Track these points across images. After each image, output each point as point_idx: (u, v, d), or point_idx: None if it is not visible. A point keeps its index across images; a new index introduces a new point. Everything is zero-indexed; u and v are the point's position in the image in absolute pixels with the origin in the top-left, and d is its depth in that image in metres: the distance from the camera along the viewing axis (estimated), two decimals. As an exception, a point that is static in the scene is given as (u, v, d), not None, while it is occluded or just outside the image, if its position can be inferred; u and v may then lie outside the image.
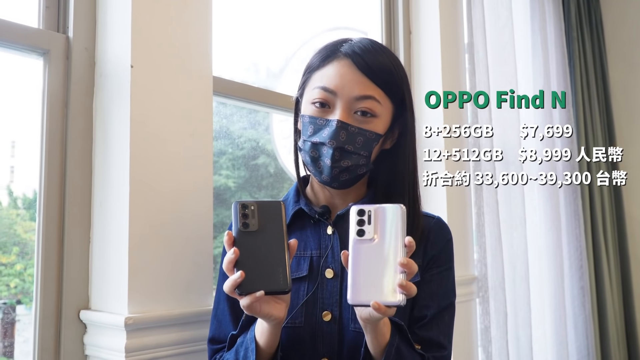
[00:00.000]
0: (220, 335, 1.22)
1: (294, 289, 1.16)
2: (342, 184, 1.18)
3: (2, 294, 1.44)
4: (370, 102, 1.14)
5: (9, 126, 1.45)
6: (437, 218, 1.29)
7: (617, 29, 3.65)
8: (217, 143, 1.96)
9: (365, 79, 1.13)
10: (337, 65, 1.15)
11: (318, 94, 1.14)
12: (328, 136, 1.12)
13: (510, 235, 2.46)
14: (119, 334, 1.25)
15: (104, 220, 1.35)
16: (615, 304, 3.14)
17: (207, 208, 1.45)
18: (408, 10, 2.46)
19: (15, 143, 1.44)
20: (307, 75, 1.20)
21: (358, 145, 1.14)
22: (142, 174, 1.32)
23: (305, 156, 1.18)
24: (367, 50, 1.16)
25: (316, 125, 1.14)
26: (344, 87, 1.13)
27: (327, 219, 1.20)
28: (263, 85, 1.95)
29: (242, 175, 2.02)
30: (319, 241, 1.19)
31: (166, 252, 1.35)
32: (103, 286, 1.33)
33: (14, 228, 1.35)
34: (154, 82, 1.36)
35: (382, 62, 1.16)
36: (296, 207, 1.22)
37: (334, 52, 1.17)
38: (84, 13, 1.40)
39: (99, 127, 1.39)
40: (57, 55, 1.36)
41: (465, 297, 2.26)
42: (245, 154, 2.04)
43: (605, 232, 3.17)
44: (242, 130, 2.03)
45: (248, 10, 2.04)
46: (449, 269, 1.26)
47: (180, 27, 1.43)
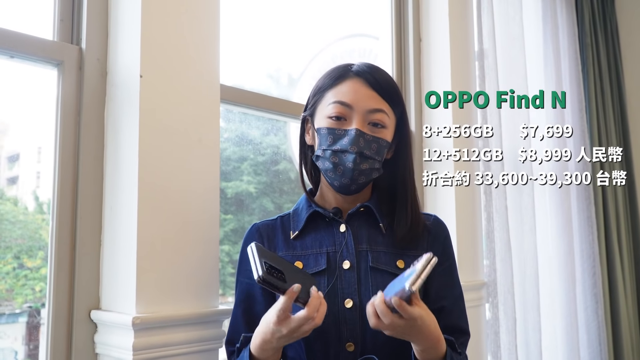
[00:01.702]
0: (234, 338, 1.32)
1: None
2: (358, 186, 1.30)
3: (27, 297, 1.48)
4: (381, 114, 1.29)
5: (35, 133, 1.51)
6: (434, 216, 1.41)
7: (633, 35, 3.63)
8: (239, 149, 2.00)
9: (376, 94, 1.29)
10: (350, 83, 1.29)
11: (335, 108, 1.28)
12: (349, 143, 1.25)
13: (520, 241, 2.47)
14: (127, 333, 1.30)
15: (114, 223, 1.40)
16: (630, 311, 3.10)
17: (214, 211, 1.50)
18: (418, 17, 2.49)
19: (42, 149, 1.49)
20: (319, 95, 1.33)
21: (373, 151, 1.27)
22: (150, 179, 1.37)
23: (324, 163, 1.29)
24: (375, 69, 1.32)
25: (335, 135, 1.27)
26: (358, 101, 1.27)
27: (340, 218, 1.32)
28: (281, 94, 2.00)
29: (263, 181, 2.06)
30: (333, 239, 1.30)
31: (173, 254, 1.40)
32: (113, 287, 1.39)
33: (40, 233, 1.40)
34: (163, 90, 1.41)
35: (388, 80, 1.32)
36: (310, 210, 1.33)
37: (345, 72, 1.31)
38: (96, 25, 1.46)
39: (110, 134, 1.44)
40: (71, 66, 1.42)
41: (474, 303, 2.27)
42: (266, 160, 2.08)
43: (620, 237, 3.14)
44: (263, 137, 2.08)
45: (261, 20, 2.09)
46: (453, 261, 1.40)
47: (188, 37, 1.48)
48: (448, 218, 2.30)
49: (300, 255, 1.29)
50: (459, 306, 1.37)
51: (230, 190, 1.96)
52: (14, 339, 1.51)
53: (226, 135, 1.99)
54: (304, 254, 1.29)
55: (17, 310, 1.49)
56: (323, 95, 1.31)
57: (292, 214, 1.37)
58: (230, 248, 1.92)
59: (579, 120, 3.01)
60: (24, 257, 1.47)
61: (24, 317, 1.49)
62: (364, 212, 1.33)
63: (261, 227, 1.36)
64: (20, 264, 1.47)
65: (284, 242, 1.33)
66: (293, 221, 1.35)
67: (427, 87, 2.44)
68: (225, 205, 1.95)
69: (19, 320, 1.49)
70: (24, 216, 1.52)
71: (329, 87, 1.31)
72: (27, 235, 1.49)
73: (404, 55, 2.46)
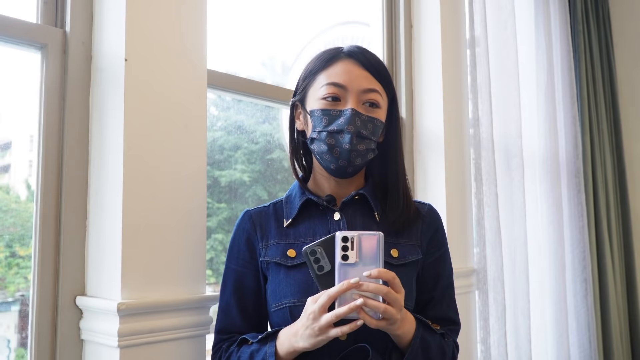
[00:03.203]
0: (227, 327, 1.32)
1: (308, 272, 1.23)
2: (355, 168, 1.29)
3: (20, 285, 1.47)
4: (375, 94, 1.27)
5: (27, 121, 1.49)
6: (428, 205, 1.41)
7: (625, 22, 3.63)
8: (232, 137, 1.99)
9: (369, 74, 1.27)
10: (342, 64, 1.27)
11: (328, 89, 1.26)
12: (345, 122, 1.23)
13: (511, 228, 2.47)
14: (112, 319, 1.29)
15: (100, 209, 1.39)
16: (619, 297, 3.13)
17: (201, 197, 1.49)
18: (409, 3, 2.47)
19: (34, 137, 1.48)
20: (310, 78, 1.31)
21: (369, 130, 1.26)
22: (135, 164, 1.36)
23: (320, 146, 1.27)
24: (365, 50, 1.31)
25: (330, 116, 1.25)
26: (352, 81, 1.26)
27: (333, 206, 1.31)
28: (275, 82, 1.99)
29: (257, 170, 2.06)
30: (327, 227, 1.29)
31: (159, 240, 1.39)
32: (98, 273, 1.38)
33: (32, 221, 1.39)
34: (148, 75, 1.40)
35: (379, 61, 1.31)
36: (303, 198, 1.32)
37: (336, 54, 1.29)
38: (81, 8, 1.44)
39: (95, 119, 1.43)
40: (55, 50, 1.40)
41: (464, 289, 2.28)
42: (260, 148, 2.07)
43: (610, 225, 3.16)
44: (257, 125, 2.07)
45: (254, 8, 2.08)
46: (445, 251, 1.40)
47: (174, 21, 1.46)
48: (438, 205, 2.30)
49: (294, 243, 1.28)
50: (449, 297, 1.38)
51: (223, 179, 1.95)
52: (6, 327, 1.51)
53: (219, 124, 1.98)
54: (297, 242, 1.28)
55: (10, 299, 1.48)
56: (314, 77, 1.29)
57: (285, 201, 1.36)
58: (224, 237, 1.92)
59: (570, 107, 3.01)
60: (16, 246, 1.46)
61: (17, 305, 1.48)
62: (358, 200, 1.32)
63: (254, 214, 1.35)
64: (13, 253, 1.46)
65: (277, 229, 1.32)
66: (286, 208, 1.34)
67: (418, 74, 2.43)
68: (218, 193, 1.94)
69: (11, 309, 1.49)
70: (16, 204, 1.51)
71: (321, 70, 1.29)
72: (19, 224, 1.48)
73: (395, 42, 2.45)
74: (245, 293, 1.31)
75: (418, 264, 1.32)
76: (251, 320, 1.31)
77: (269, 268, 1.29)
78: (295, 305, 1.21)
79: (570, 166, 2.97)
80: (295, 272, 1.25)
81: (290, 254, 1.27)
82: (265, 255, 1.30)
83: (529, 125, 2.83)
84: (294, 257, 1.26)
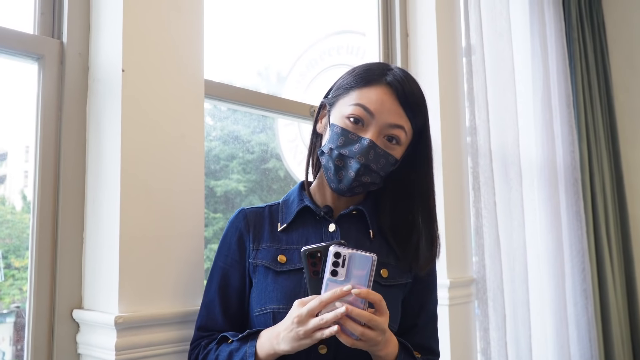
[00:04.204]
0: (208, 324, 1.30)
1: (296, 279, 1.22)
2: (353, 194, 1.28)
3: (15, 297, 1.46)
4: (400, 131, 1.24)
5: (23, 132, 1.49)
6: None
7: (620, 29, 3.64)
8: (228, 147, 1.98)
9: (401, 110, 1.23)
10: (379, 90, 1.23)
11: (355, 110, 1.23)
12: (358, 152, 1.21)
13: (509, 237, 2.46)
14: (109, 333, 1.27)
15: (97, 221, 1.37)
16: (619, 306, 3.11)
17: (199, 208, 1.47)
18: (405, 12, 2.48)
19: (29, 148, 1.47)
20: (345, 89, 1.27)
21: (380, 166, 1.23)
22: (133, 175, 1.34)
23: (328, 162, 1.25)
24: (407, 81, 1.26)
25: (347, 138, 1.23)
26: (382, 112, 1.22)
27: (330, 217, 1.30)
28: (271, 92, 1.98)
29: (252, 179, 2.05)
30: (320, 237, 1.27)
31: (157, 252, 1.37)
32: (95, 286, 1.36)
33: (27, 232, 1.38)
34: (145, 85, 1.39)
35: (418, 97, 1.26)
36: (301, 204, 1.30)
37: (379, 77, 1.25)
38: (77, 19, 1.43)
39: (92, 130, 1.41)
40: (52, 60, 1.39)
41: (463, 299, 2.27)
42: (256, 158, 2.06)
43: (609, 233, 3.15)
44: (252, 135, 2.06)
45: (249, 18, 2.08)
46: (435, 279, 1.39)
47: (171, 31, 1.45)
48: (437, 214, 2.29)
49: (285, 249, 1.27)
50: (432, 326, 1.37)
51: (219, 189, 1.95)
52: (1, 339, 1.50)
53: (215, 134, 1.97)
54: (288, 248, 1.27)
55: (5, 311, 1.47)
56: (348, 91, 1.26)
57: (282, 205, 1.35)
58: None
59: (567, 114, 3.01)
60: (11, 257, 1.45)
61: (12, 317, 1.47)
62: (356, 215, 1.31)
63: (249, 214, 1.34)
64: (8, 264, 1.45)
65: (270, 233, 1.30)
66: (282, 212, 1.33)
67: (414, 83, 2.43)
68: (214, 204, 1.93)
69: (6, 321, 1.48)
70: (11, 215, 1.50)
71: (357, 86, 1.25)
72: (15, 235, 1.47)
73: (391, 51, 2.45)
74: (230, 292, 1.29)
75: (407, 287, 1.31)
76: (233, 321, 1.29)
77: (256, 271, 1.27)
78: (280, 312, 1.20)
79: (567, 174, 2.97)
80: (284, 278, 1.23)
81: (281, 260, 1.25)
82: (255, 257, 1.28)
83: (526, 132, 2.83)
84: (284, 263, 1.25)
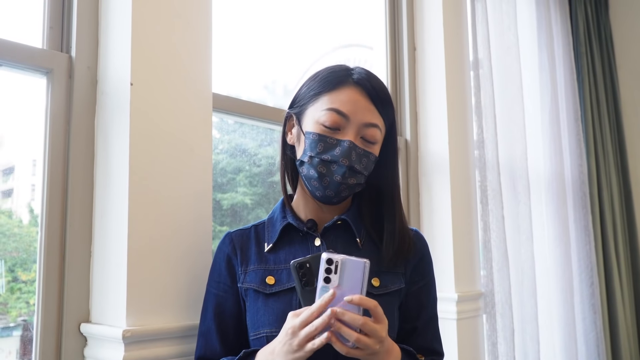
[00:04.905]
0: (207, 354, 1.27)
1: (286, 300, 1.20)
2: (340, 199, 1.25)
3: (22, 310, 1.46)
4: (375, 130, 1.23)
5: (30, 145, 1.49)
6: (415, 230, 1.36)
7: (628, 43, 3.64)
8: (234, 160, 1.98)
9: (373, 107, 1.23)
10: (349, 91, 1.22)
11: (331, 117, 1.21)
12: (341, 155, 1.19)
13: (518, 251, 2.45)
14: (117, 347, 1.27)
15: (105, 234, 1.37)
16: (628, 321, 3.09)
17: (206, 222, 1.47)
18: (412, 26, 2.48)
19: (37, 162, 1.47)
20: (313, 96, 1.25)
21: (363, 165, 1.22)
22: (141, 189, 1.34)
23: (309, 170, 1.22)
24: (373, 78, 1.25)
25: (327, 143, 1.21)
26: (356, 112, 1.21)
27: (314, 232, 1.27)
28: (277, 105, 1.99)
29: (259, 192, 2.05)
30: (307, 253, 1.24)
31: (165, 265, 1.37)
32: (103, 299, 1.35)
33: (34, 246, 1.38)
34: (154, 99, 1.39)
35: (384, 90, 1.26)
36: (284, 222, 1.28)
37: (345, 78, 1.23)
38: (86, 33, 1.44)
39: (100, 143, 1.42)
40: (60, 74, 1.39)
41: (471, 313, 2.25)
42: (262, 171, 2.06)
43: (617, 247, 3.13)
44: (259, 148, 2.06)
45: (257, 32, 2.09)
46: (431, 279, 1.36)
47: (180, 45, 1.46)
48: (444, 227, 2.29)
49: (273, 269, 1.24)
50: (433, 327, 1.34)
51: (225, 202, 1.94)
52: (8, 352, 1.49)
53: (221, 147, 1.97)
54: (276, 268, 1.25)
55: (12, 324, 1.47)
56: (317, 97, 1.24)
57: (267, 224, 1.32)
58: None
59: (575, 128, 3.01)
60: (18, 270, 1.45)
61: (19, 330, 1.46)
62: (341, 225, 1.28)
63: (234, 237, 1.32)
64: (15, 277, 1.45)
65: (257, 254, 1.28)
66: (267, 232, 1.31)
67: (422, 96, 2.43)
68: (220, 217, 1.93)
69: (13, 334, 1.47)
70: (18, 229, 1.50)
71: (325, 91, 1.23)
72: (22, 248, 1.47)
73: (399, 65, 2.45)
74: (226, 318, 1.27)
75: (401, 293, 1.28)
76: (232, 346, 1.27)
77: (247, 294, 1.25)
78: (273, 335, 1.17)
79: (576, 188, 2.96)
80: (274, 300, 1.21)
81: (269, 281, 1.23)
82: (243, 281, 1.26)
83: (534, 146, 2.82)
84: (273, 285, 1.22)
